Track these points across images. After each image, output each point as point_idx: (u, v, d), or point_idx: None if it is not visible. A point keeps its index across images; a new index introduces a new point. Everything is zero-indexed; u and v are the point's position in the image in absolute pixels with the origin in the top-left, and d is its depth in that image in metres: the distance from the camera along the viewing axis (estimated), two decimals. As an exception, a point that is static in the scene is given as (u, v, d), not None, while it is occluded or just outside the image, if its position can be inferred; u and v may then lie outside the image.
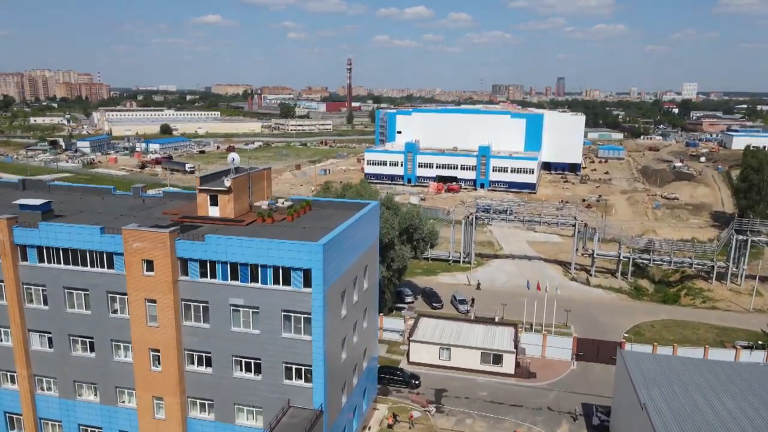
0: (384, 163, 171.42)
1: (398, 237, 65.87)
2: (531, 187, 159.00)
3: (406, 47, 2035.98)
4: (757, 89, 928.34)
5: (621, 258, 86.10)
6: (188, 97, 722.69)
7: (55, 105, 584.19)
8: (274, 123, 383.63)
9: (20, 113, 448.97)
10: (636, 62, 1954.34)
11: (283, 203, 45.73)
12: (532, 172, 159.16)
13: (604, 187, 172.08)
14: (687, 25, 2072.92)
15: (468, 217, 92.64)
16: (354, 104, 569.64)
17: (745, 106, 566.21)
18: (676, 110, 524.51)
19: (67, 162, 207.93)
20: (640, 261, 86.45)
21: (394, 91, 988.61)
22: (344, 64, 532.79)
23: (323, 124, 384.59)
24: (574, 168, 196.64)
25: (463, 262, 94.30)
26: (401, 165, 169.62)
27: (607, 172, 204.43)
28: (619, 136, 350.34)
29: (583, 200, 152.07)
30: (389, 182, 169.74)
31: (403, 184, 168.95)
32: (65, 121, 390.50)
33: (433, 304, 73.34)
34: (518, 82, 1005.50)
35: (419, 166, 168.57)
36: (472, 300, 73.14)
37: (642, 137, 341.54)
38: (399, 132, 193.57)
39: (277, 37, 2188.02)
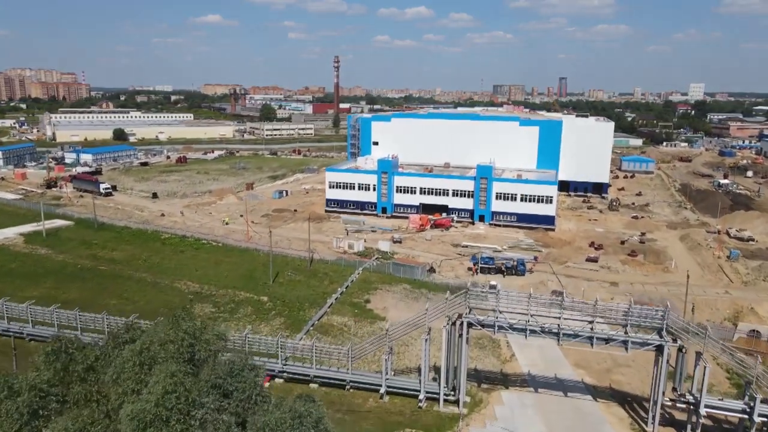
0: (351, 186, 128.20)
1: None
2: (549, 221, 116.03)
3: (406, 47, 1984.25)
4: (761, 90, 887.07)
5: (756, 416, 43.46)
6: (173, 98, 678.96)
7: (24, 106, 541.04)
8: (249, 127, 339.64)
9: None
10: (638, 62, 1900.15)
11: None
12: (551, 201, 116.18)
13: (644, 218, 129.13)
14: (689, 26, 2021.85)
15: (455, 323, 49.87)
16: (346, 105, 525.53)
17: (766, 108, 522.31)
18: (692, 112, 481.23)
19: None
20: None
21: (393, 91, 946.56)
22: (344, 64, 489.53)
23: (304, 129, 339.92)
24: (598, 188, 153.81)
25: (446, 399, 51.76)
26: (374, 189, 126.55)
27: (639, 193, 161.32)
28: (638, 142, 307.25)
29: (622, 242, 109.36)
30: (358, 211, 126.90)
31: (377, 215, 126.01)
32: (17, 125, 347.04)
33: None
34: (520, 82, 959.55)
35: (397, 190, 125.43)
36: None
37: (665, 144, 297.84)
38: (375, 143, 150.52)
39: (277, 37, 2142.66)
